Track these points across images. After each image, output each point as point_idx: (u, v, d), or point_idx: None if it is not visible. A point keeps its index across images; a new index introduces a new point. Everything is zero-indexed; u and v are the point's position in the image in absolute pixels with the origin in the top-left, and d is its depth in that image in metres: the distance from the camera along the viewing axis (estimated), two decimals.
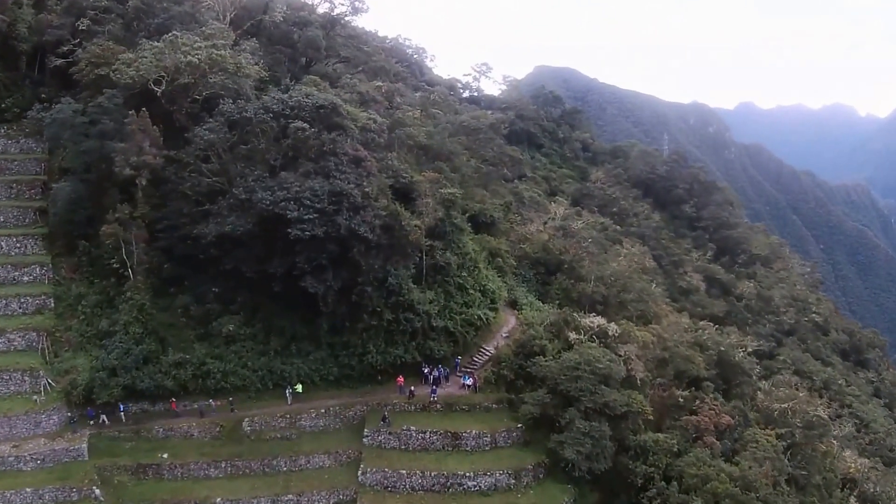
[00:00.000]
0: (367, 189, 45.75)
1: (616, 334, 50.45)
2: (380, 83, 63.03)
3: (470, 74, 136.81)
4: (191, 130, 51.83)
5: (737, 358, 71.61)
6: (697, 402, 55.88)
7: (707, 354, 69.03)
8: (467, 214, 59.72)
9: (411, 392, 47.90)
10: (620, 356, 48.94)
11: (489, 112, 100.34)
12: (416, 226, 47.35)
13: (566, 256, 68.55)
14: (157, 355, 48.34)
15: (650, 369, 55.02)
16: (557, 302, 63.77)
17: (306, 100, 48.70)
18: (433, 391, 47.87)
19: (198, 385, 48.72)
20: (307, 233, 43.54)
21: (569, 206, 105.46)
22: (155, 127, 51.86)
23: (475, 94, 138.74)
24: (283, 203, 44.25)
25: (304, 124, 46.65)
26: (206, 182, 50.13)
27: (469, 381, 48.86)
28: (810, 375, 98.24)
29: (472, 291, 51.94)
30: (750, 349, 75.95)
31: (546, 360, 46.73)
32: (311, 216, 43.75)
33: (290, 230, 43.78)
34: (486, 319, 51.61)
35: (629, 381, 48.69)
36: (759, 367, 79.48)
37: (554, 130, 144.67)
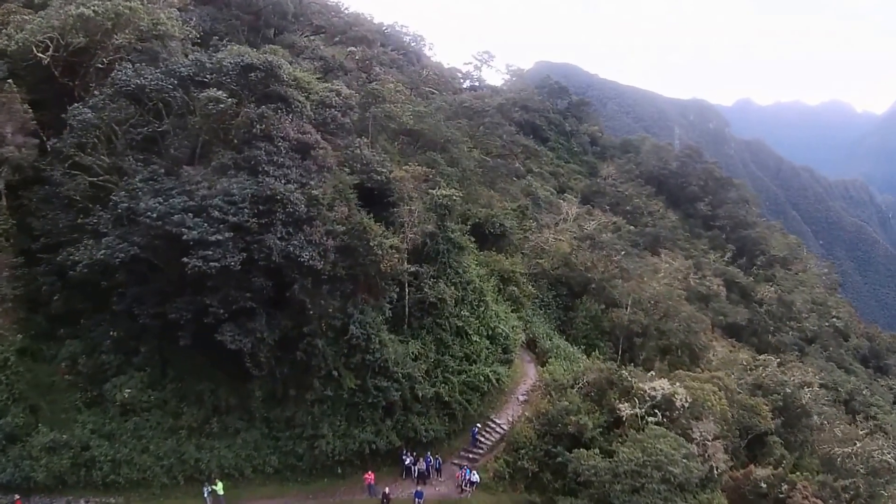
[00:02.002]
0: (315, 192, 27.75)
1: (686, 405, 32.45)
2: (353, 48, 44.54)
3: (471, 63, 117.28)
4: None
5: (804, 400, 55.11)
6: (785, 486, 38.14)
7: (771, 399, 52.40)
8: (469, 223, 41.66)
9: (386, 496, 29.92)
10: (694, 440, 31.14)
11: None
12: (392, 246, 29.31)
13: (594, 274, 50.44)
14: (27, 432, 31.43)
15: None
16: (584, 337, 45.91)
17: (230, 60, 30.49)
18: (418, 494, 29.95)
19: (79, 477, 31.49)
20: (213, 263, 25.63)
21: (579, 204, 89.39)
22: (26, 106, 34.70)
23: (476, 83, 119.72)
24: (177, 216, 26.29)
25: (220, 93, 28.53)
26: (89, 182, 32.44)
27: (473, 477, 30.93)
28: (836, 387, 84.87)
29: (476, 338, 33.71)
30: (816, 387, 58.79)
31: (590, 456, 28.66)
32: (221, 236, 25.83)
33: (187, 259, 25.91)
34: (497, 379, 33.40)
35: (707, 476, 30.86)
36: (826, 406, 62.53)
37: (560, 123, 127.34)
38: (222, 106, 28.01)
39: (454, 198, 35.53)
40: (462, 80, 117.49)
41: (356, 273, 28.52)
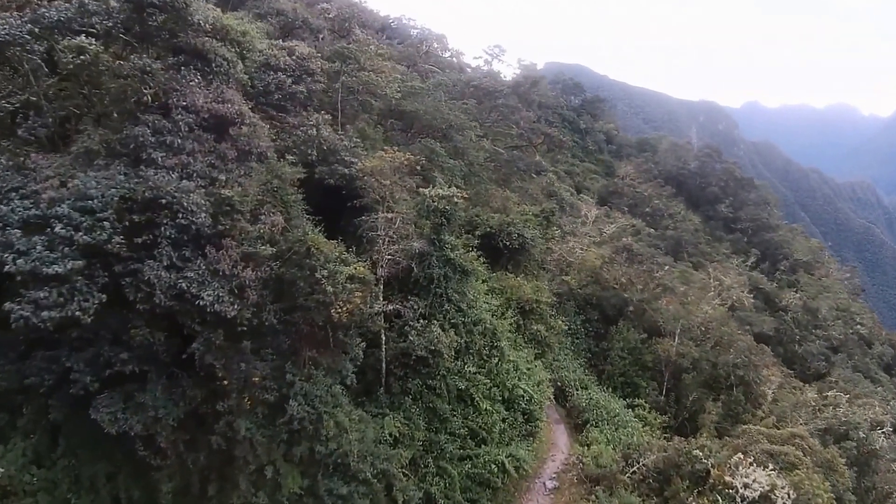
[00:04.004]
0: (228, 193, 16.31)
1: (788, 502, 20.71)
2: (326, 4, 32.94)
3: (481, 58, 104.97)
4: None
5: (878, 445, 43.84)
6: None
7: (845, 447, 40.91)
8: (477, 234, 30.01)
9: None
10: None
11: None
12: (353, 277, 17.74)
13: (632, 293, 38.55)
14: None
15: None
16: (621, 375, 34.18)
17: None
18: None
19: None
20: (46, 313, 14.37)
21: (596, 205, 78.82)
22: None
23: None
24: (3, 233, 15.04)
25: (88, 40, 17.23)
26: None
27: None
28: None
29: (486, 405, 21.80)
30: (889, 426, 47.04)
31: None
32: (61, 267, 14.55)
33: (11, 304, 14.68)
34: (517, 467, 21.60)
35: None
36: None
37: (574, 120, 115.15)
38: (84, 58, 16.63)
39: (456, 200, 23.85)
40: None
41: (296, 321, 17.06)
